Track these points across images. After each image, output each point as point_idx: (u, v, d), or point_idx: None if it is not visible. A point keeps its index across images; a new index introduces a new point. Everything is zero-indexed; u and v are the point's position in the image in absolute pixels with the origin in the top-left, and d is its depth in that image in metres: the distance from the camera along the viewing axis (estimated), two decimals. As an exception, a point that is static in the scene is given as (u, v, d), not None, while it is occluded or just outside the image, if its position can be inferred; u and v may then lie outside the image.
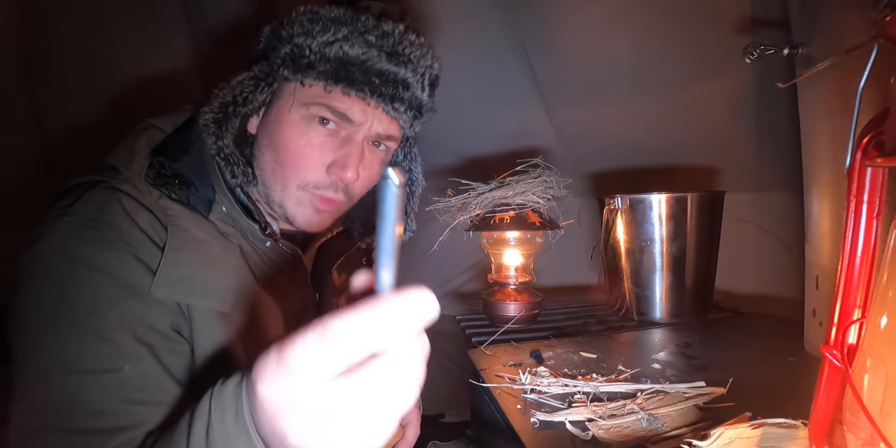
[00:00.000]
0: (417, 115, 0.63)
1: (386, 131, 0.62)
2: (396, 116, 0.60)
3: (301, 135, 0.58)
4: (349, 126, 0.59)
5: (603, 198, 1.10)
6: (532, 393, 0.69)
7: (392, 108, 0.59)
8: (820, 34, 0.71)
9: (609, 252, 1.12)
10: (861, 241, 0.41)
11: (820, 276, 0.77)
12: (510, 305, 1.06)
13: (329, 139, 0.59)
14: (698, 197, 1.04)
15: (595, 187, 1.54)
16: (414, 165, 0.75)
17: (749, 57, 0.77)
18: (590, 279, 1.63)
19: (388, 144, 0.64)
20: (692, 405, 0.63)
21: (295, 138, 0.58)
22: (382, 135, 0.62)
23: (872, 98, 0.42)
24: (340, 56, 0.55)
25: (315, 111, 0.58)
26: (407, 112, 0.61)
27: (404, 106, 0.60)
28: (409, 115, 0.61)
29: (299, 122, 0.58)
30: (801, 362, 0.78)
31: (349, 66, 0.55)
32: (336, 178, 0.59)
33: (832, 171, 0.73)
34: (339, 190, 0.61)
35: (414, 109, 0.62)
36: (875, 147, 0.39)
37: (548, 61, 1.25)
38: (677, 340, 0.93)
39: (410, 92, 0.59)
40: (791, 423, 0.51)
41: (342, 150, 0.59)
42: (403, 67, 0.58)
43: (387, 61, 0.56)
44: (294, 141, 0.58)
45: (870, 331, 0.40)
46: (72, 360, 0.45)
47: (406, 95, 0.59)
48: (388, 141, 0.64)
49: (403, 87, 0.58)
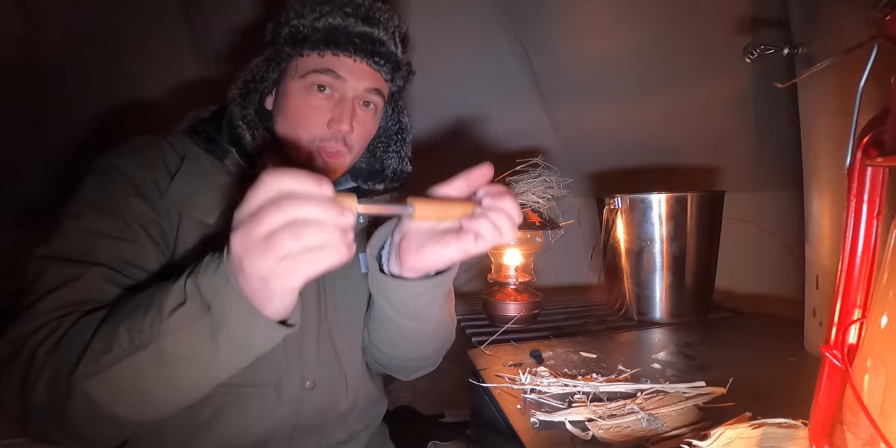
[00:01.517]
0: (396, 67, 0.76)
1: (371, 85, 0.73)
2: (378, 68, 0.73)
3: (303, 100, 0.72)
4: (340, 85, 0.72)
5: (603, 198, 1.10)
6: (532, 393, 0.69)
7: (373, 61, 0.72)
8: (820, 34, 0.71)
9: (609, 252, 1.12)
10: (861, 240, 0.41)
11: (820, 276, 0.77)
12: (510, 305, 1.06)
13: (325, 102, 0.72)
14: (698, 197, 1.04)
15: (595, 187, 1.54)
16: (402, 116, 0.86)
17: (749, 57, 0.77)
18: (590, 279, 1.63)
19: (375, 101, 0.76)
20: (692, 405, 0.63)
21: (299, 103, 0.72)
22: (370, 88, 0.73)
23: (872, 98, 0.42)
24: (327, 26, 0.70)
25: (312, 79, 0.71)
26: (386, 65, 0.74)
27: (383, 59, 0.73)
28: (388, 67, 0.74)
29: (301, 92, 0.72)
30: (801, 362, 0.78)
31: (334, 32, 0.70)
32: (335, 130, 0.72)
33: (832, 171, 0.73)
34: (340, 141, 0.73)
35: (391, 63, 0.74)
36: (875, 147, 0.39)
37: (548, 61, 1.25)
38: (677, 340, 0.93)
39: (385, 47, 0.73)
40: (791, 423, 0.51)
41: (337, 108, 0.72)
42: (376, 28, 0.71)
43: (363, 24, 0.71)
44: (298, 105, 0.72)
45: (870, 331, 0.40)
46: (91, 224, 0.61)
47: (382, 50, 0.72)
48: (376, 96, 0.75)
49: (379, 44, 0.72)
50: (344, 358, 0.77)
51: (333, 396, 0.76)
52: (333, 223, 0.40)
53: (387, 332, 0.73)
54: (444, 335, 0.77)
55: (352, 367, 0.79)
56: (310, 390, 0.73)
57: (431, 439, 1.10)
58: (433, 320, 0.69)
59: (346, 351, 0.78)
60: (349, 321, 0.79)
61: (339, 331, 0.77)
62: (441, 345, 0.79)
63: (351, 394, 0.78)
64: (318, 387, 0.73)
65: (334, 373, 0.76)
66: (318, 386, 0.73)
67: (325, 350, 0.76)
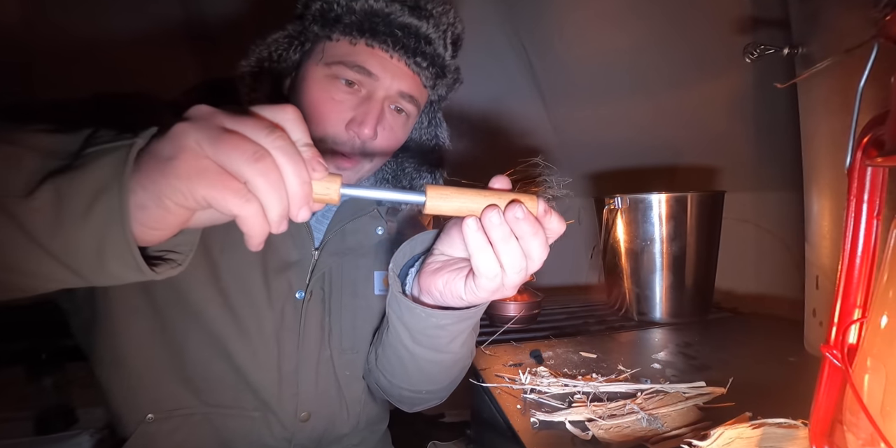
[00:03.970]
0: (440, 73, 0.63)
1: (408, 89, 0.61)
2: (418, 71, 0.61)
3: (323, 91, 0.60)
4: (370, 82, 0.60)
5: (603, 198, 1.10)
6: (532, 393, 0.69)
7: (414, 62, 0.60)
8: (820, 34, 0.71)
9: (609, 252, 1.12)
10: (861, 240, 0.41)
11: (820, 276, 0.77)
12: (510, 305, 1.06)
13: (349, 97, 0.60)
14: (698, 197, 1.03)
15: (595, 187, 1.54)
16: (440, 131, 0.74)
17: (749, 57, 0.77)
18: (590, 279, 1.63)
19: (408, 109, 0.63)
20: (692, 405, 0.63)
21: (317, 93, 0.60)
22: (404, 93, 0.61)
23: (872, 98, 0.42)
24: (366, 8, 0.57)
25: (338, 71, 0.59)
26: (429, 68, 0.61)
27: (426, 61, 0.60)
28: (431, 71, 0.61)
29: (323, 80, 0.60)
30: (801, 362, 0.78)
31: (373, 17, 0.57)
32: (353, 134, 0.60)
33: (832, 171, 0.73)
34: (356, 148, 0.61)
35: (436, 67, 0.62)
36: (875, 147, 0.39)
37: (548, 61, 1.25)
38: (677, 340, 0.93)
39: (432, 47, 0.60)
40: (791, 423, 0.51)
41: (362, 107, 0.60)
42: (426, 22, 0.59)
43: (409, 14, 0.58)
44: (316, 96, 0.60)
45: (870, 331, 0.40)
46: None
47: (428, 50, 0.60)
48: (409, 103, 0.63)
49: (426, 42, 0.59)
50: (346, 385, 0.70)
51: (331, 425, 0.70)
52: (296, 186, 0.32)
53: (399, 360, 0.62)
54: (460, 369, 0.66)
55: (354, 394, 0.72)
56: (303, 422, 0.67)
57: (431, 439, 1.10)
58: (454, 353, 0.59)
59: (349, 377, 0.71)
60: (354, 346, 0.71)
61: (342, 356, 0.70)
62: (455, 379, 0.69)
63: (352, 420, 0.72)
64: (314, 418, 0.68)
65: (333, 402, 0.70)
66: (314, 417, 0.68)
67: (325, 377, 0.69)
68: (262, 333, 0.64)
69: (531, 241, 0.40)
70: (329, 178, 0.35)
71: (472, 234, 0.39)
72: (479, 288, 0.43)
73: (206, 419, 0.64)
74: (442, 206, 0.38)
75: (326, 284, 0.69)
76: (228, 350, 0.63)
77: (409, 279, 0.54)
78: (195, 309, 0.62)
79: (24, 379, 1.22)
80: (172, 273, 0.39)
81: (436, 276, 0.48)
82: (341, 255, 0.70)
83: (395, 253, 0.53)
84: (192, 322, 0.62)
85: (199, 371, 0.63)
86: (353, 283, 0.72)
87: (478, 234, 0.39)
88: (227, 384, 0.64)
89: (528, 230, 0.39)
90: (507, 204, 0.39)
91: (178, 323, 0.62)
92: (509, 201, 0.39)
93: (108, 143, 0.34)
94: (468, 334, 0.57)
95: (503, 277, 0.41)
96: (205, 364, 0.63)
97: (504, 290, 0.43)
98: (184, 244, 0.40)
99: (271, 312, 0.65)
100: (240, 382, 0.64)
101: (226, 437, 0.65)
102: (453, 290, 0.46)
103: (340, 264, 0.70)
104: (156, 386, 0.63)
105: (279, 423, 0.66)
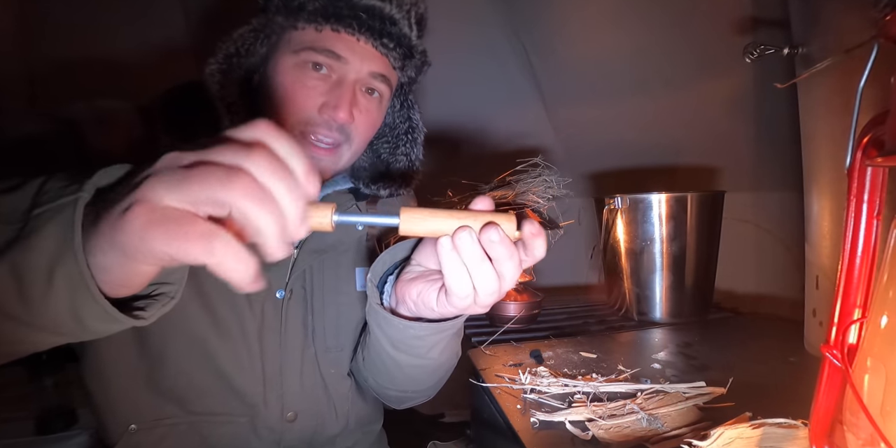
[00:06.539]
0: (408, 53, 0.64)
1: (378, 69, 0.62)
2: (386, 52, 0.61)
3: (293, 78, 0.60)
4: (340, 66, 0.60)
5: (603, 198, 1.10)
6: (532, 393, 0.69)
7: (381, 43, 0.60)
8: (820, 34, 0.71)
9: (609, 252, 1.12)
10: (861, 240, 0.41)
11: (820, 276, 0.77)
12: (510, 305, 1.06)
13: (320, 82, 0.60)
14: (698, 197, 1.03)
15: (595, 187, 1.54)
16: (412, 113, 0.74)
17: (749, 57, 0.77)
18: (590, 279, 1.63)
19: (381, 89, 0.64)
20: (692, 405, 0.63)
21: (288, 81, 0.60)
22: (375, 73, 0.62)
23: (872, 98, 0.42)
24: None
25: (306, 57, 0.59)
26: (396, 49, 0.62)
27: (393, 42, 0.61)
28: (398, 52, 0.62)
29: (292, 69, 0.60)
30: (801, 362, 0.78)
31: (336, 2, 0.58)
32: (329, 117, 0.60)
33: (832, 171, 0.73)
34: (334, 129, 0.61)
35: (403, 47, 0.62)
36: (875, 147, 0.39)
37: (548, 61, 1.25)
38: (677, 340, 0.93)
39: (398, 27, 0.61)
40: (791, 423, 0.51)
41: (334, 92, 0.60)
42: (388, 3, 0.60)
43: None
44: (287, 84, 0.60)
45: (870, 331, 0.40)
46: None
47: (394, 30, 0.60)
48: (381, 83, 0.63)
49: (390, 23, 0.60)
50: (332, 384, 0.70)
51: (319, 425, 0.70)
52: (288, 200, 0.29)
53: (382, 365, 0.63)
54: (445, 371, 0.68)
55: (340, 391, 0.71)
56: (290, 422, 0.67)
57: (431, 439, 1.10)
58: (435, 359, 0.60)
59: (334, 376, 0.71)
60: (338, 344, 0.71)
61: (327, 354, 0.70)
62: (440, 380, 0.70)
63: (341, 419, 0.72)
64: (301, 418, 0.67)
65: (320, 401, 0.69)
66: (301, 417, 0.67)
67: (310, 376, 0.68)
68: (243, 334, 0.64)
69: (505, 263, 0.40)
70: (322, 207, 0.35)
71: (447, 253, 0.39)
72: (450, 304, 0.44)
73: (192, 428, 0.63)
74: (415, 229, 0.38)
75: (307, 283, 0.69)
76: (210, 354, 0.62)
77: (387, 286, 0.54)
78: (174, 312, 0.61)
79: (24, 379, 1.22)
80: (165, 310, 0.38)
81: (410, 286, 0.48)
82: (321, 252, 0.70)
83: (374, 262, 0.53)
84: (171, 327, 0.61)
85: (182, 380, 0.63)
86: (335, 280, 0.71)
87: (452, 253, 0.39)
88: (211, 391, 0.64)
89: (503, 253, 0.39)
90: (483, 226, 0.38)
91: (157, 329, 0.60)
92: (485, 223, 0.39)
93: (54, 202, 0.33)
94: (448, 342, 0.58)
95: (475, 298, 0.41)
96: (187, 373, 0.62)
97: (475, 308, 0.43)
98: (175, 272, 0.39)
99: (251, 313, 0.64)
100: (224, 388, 0.64)
101: (214, 444, 0.64)
102: (426, 301, 0.47)
103: (321, 262, 0.70)
104: (135, 397, 0.62)
105: (266, 425, 0.65)
